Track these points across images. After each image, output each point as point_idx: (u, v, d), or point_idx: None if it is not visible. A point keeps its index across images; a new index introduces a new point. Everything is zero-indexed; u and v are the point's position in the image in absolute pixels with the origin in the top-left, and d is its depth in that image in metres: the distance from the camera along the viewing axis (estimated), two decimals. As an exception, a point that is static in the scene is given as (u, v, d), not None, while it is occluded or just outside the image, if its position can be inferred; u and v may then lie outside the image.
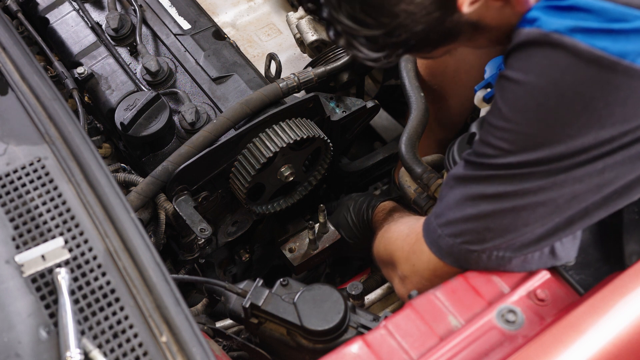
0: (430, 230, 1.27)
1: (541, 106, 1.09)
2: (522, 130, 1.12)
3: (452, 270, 1.25)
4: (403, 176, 1.64)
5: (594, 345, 1.08)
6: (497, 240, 1.18)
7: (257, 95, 1.63)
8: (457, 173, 1.23)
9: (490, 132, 1.16)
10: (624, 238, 1.24)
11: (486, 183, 1.16)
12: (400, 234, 1.44)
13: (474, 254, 1.21)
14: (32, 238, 1.13)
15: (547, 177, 1.11)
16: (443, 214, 1.24)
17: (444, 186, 1.27)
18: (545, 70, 1.08)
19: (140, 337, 1.05)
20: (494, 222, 1.17)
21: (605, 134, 1.07)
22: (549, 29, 1.06)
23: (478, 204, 1.18)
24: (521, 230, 1.16)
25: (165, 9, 1.86)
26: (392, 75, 2.18)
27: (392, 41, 1.14)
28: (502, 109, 1.13)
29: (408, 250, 1.36)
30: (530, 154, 1.11)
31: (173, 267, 1.70)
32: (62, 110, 1.27)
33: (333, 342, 1.27)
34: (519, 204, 1.14)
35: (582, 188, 1.11)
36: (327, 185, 1.95)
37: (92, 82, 1.76)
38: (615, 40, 1.04)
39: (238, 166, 1.59)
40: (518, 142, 1.12)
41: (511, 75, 1.12)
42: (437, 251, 1.26)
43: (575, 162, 1.10)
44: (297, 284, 1.33)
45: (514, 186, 1.14)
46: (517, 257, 1.19)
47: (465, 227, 1.20)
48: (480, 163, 1.17)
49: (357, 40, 1.15)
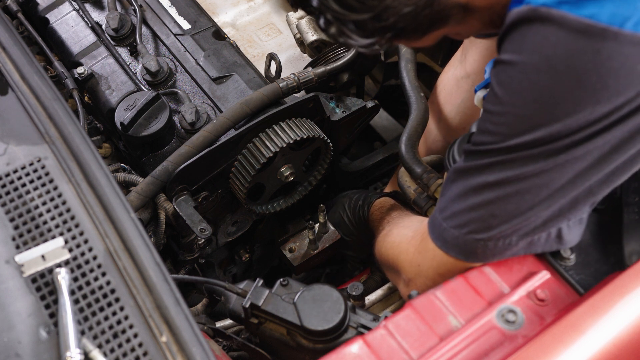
0: (435, 225, 1.26)
1: (535, 85, 1.07)
2: (519, 112, 1.10)
3: (456, 269, 1.25)
4: (403, 176, 1.64)
5: (594, 345, 1.08)
6: (503, 226, 1.17)
7: (257, 95, 1.63)
8: (458, 166, 1.22)
9: (488, 119, 1.14)
10: (624, 238, 1.24)
11: (488, 171, 1.15)
12: (404, 237, 1.44)
13: (480, 242, 1.19)
14: (32, 238, 1.13)
15: (548, 158, 1.10)
16: (447, 208, 1.23)
17: (446, 181, 1.26)
18: (537, 47, 1.06)
19: (140, 337, 1.05)
20: (499, 209, 1.16)
21: (601, 109, 1.05)
22: (537, 4, 1.04)
23: (481, 193, 1.16)
24: (526, 214, 1.15)
25: (165, 9, 1.86)
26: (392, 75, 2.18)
27: (381, 25, 1.13)
28: (498, 93, 1.12)
29: (413, 252, 1.36)
30: (529, 135, 1.09)
31: (173, 267, 1.70)
32: (62, 110, 1.27)
33: (333, 342, 1.27)
34: (522, 187, 1.13)
35: (583, 166, 1.10)
36: (327, 185, 1.95)
37: (92, 82, 1.76)
38: (602, 5, 1.01)
39: (238, 166, 1.59)
40: (516, 124, 1.11)
41: (505, 58, 1.10)
42: (443, 244, 1.25)
43: (574, 140, 1.08)
44: (297, 284, 1.33)
45: (516, 171, 1.12)
46: (524, 240, 1.18)
47: (470, 216, 1.19)
48: (480, 151, 1.16)
49: (346, 26, 1.14)
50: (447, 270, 1.26)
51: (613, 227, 1.26)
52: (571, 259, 1.23)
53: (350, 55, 1.76)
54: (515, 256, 1.22)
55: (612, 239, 1.26)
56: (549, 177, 1.11)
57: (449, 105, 1.82)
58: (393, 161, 1.98)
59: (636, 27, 1.01)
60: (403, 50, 1.79)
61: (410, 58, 1.77)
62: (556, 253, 1.23)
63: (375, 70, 2.18)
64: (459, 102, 1.80)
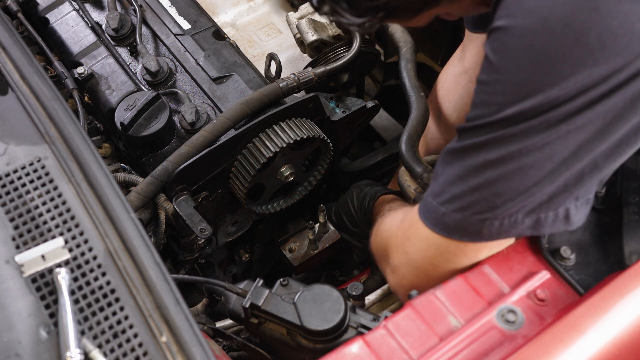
0: (430, 211, 1.21)
1: (531, 47, 1.04)
2: (515, 78, 1.07)
3: (454, 256, 1.22)
4: (403, 175, 1.64)
5: (594, 345, 1.08)
6: (508, 204, 1.13)
7: (257, 95, 1.63)
8: (452, 147, 1.17)
9: (482, 90, 1.11)
10: (624, 238, 1.24)
11: (487, 148, 1.11)
12: (395, 220, 1.39)
13: (486, 222, 1.15)
14: (32, 238, 1.13)
15: (549, 129, 1.07)
16: (444, 191, 1.18)
17: (439, 164, 1.21)
18: (533, 8, 1.03)
19: (140, 337, 1.05)
20: (502, 187, 1.12)
21: (599, 71, 1.02)
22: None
23: (482, 172, 1.13)
24: (531, 190, 1.11)
25: (165, 9, 1.86)
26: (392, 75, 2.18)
27: (374, 4, 1.11)
28: (492, 61, 1.08)
29: (401, 237, 1.32)
30: (526, 101, 1.06)
31: (173, 267, 1.70)
32: (62, 110, 1.27)
33: (333, 342, 1.27)
34: (525, 163, 1.09)
35: (586, 137, 1.07)
36: (327, 185, 1.95)
37: (92, 82, 1.76)
38: None
39: (238, 166, 1.59)
40: (512, 91, 1.07)
41: (499, 24, 1.07)
42: (443, 229, 1.20)
43: (574, 107, 1.05)
44: (297, 284, 1.33)
45: (516, 145, 1.09)
46: (530, 217, 1.15)
47: (473, 197, 1.15)
48: (477, 126, 1.12)
49: (339, 5, 1.13)
50: (441, 258, 1.23)
51: (613, 227, 1.26)
52: (571, 259, 1.23)
53: (350, 55, 1.76)
54: (522, 236, 1.19)
55: (612, 239, 1.26)
56: (551, 149, 1.08)
57: (447, 102, 1.82)
58: (393, 161, 1.98)
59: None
60: (403, 50, 1.79)
61: (410, 58, 1.77)
62: (556, 253, 1.23)
63: (375, 70, 2.18)
64: (456, 99, 1.79)
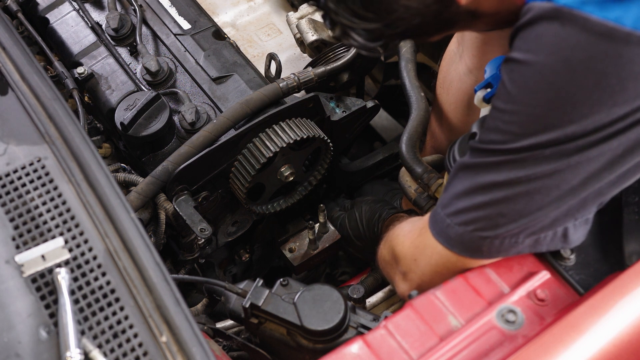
0: (437, 221, 1.24)
1: (552, 85, 1.06)
2: (533, 111, 1.08)
3: (455, 267, 1.24)
4: (403, 176, 1.64)
5: (594, 345, 1.08)
6: (511, 225, 1.15)
7: (257, 95, 1.63)
8: (465, 162, 1.19)
9: (499, 117, 1.12)
10: (624, 238, 1.24)
11: (497, 170, 1.13)
12: (402, 230, 1.42)
13: (487, 240, 1.18)
14: (32, 238, 1.13)
15: (561, 159, 1.08)
16: (451, 204, 1.21)
17: (451, 176, 1.23)
18: (555, 48, 1.04)
19: (140, 337, 1.05)
20: (507, 208, 1.14)
21: (618, 111, 1.04)
22: (560, 3, 1.02)
23: (489, 191, 1.14)
24: (535, 214, 1.13)
25: (165, 9, 1.87)
26: (392, 75, 2.18)
27: (390, 33, 1.13)
28: (511, 92, 1.10)
29: (409, 245, 1.34)
30: (542, 135, 1.07)
31: (173, 267, 1.70)
32: (62, 110, 1.27)
33: (333, 342, 1.27)
34: (532, 188, 1.11)
35: (596, 168, 1.08)
36: (327, 185, 1.95)
37: (92, 82, 1.76)
38: (628, 8, 1.00)
39: (238, 166, 1.59)
40: (529, 124, 1.09)
41: (519, 57, 1.08)
42: (446, 241, 1.22)
43: (588, 141, 1.06)
44: (297, 284, 1.33)
45: (527, 171, 1.10)
46: (530, 238, 1.17)
47: (477, 214, 1.17)
48: (490, 149, 1.14)
49: (354, 31, 1.14)
50: (445, 268, 1.25)
51: (613, 227, 1.26)
52: (571, 259, 1.23)
53: (350, 55, 1.76)
54: (520, 254, 1.21)
55: (612, 239, 1.26)
56: (560, 178, 1.10)
57: (455, 103, 1.81)
58: (393, 161, 1.98)
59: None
60: (403, 50, 1.79)
61: (410, 58, 1.76)
62: (556, 253, 1.23)
63: (375, 70, 2.18)
64: (466, 100, 1.78)
